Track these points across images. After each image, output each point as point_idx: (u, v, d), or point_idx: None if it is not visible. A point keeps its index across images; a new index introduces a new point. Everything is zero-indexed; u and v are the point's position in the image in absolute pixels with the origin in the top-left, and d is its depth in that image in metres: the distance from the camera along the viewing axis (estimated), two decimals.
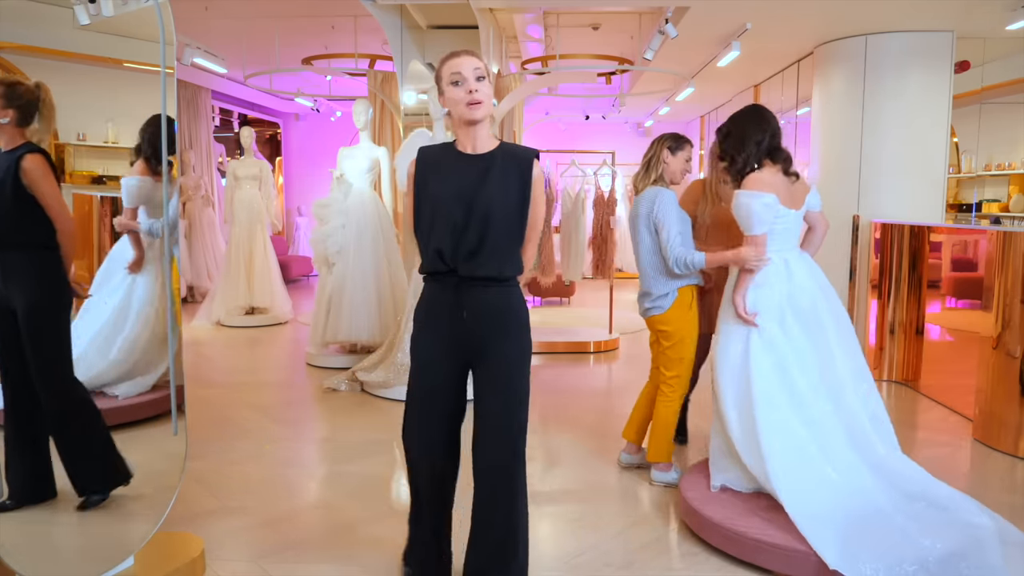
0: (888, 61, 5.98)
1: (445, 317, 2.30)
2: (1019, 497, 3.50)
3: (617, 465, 3.79)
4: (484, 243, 2.23)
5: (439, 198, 2.26)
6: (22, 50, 2.63)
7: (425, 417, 2.36)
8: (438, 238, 2.25)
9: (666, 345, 3.46)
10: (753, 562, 2.74)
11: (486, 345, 2.29)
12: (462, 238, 2.23)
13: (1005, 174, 6.96)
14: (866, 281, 5.99)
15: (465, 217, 2.22)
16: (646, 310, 3.48)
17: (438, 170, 2.30)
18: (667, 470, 3.52)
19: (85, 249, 2.79)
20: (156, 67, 2.43)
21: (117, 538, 2.60)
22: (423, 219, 2.30)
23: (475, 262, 2.24)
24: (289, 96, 10.25)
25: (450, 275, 2.28)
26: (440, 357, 2.33)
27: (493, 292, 2.28)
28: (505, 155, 2.29)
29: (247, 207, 7.86)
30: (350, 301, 5.74)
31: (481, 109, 2.22)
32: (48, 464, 2.54)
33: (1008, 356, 4.08)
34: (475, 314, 2.27)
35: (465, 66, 2.22)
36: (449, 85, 2.23)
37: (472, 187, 2.24)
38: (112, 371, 2.77)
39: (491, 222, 2.22)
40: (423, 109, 6.09)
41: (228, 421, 4.51)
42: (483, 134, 2.28)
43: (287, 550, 2.89)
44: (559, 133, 12.74)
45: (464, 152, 2.30)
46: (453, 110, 2.26)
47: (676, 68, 7.57)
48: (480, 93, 2.21)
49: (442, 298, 2.31)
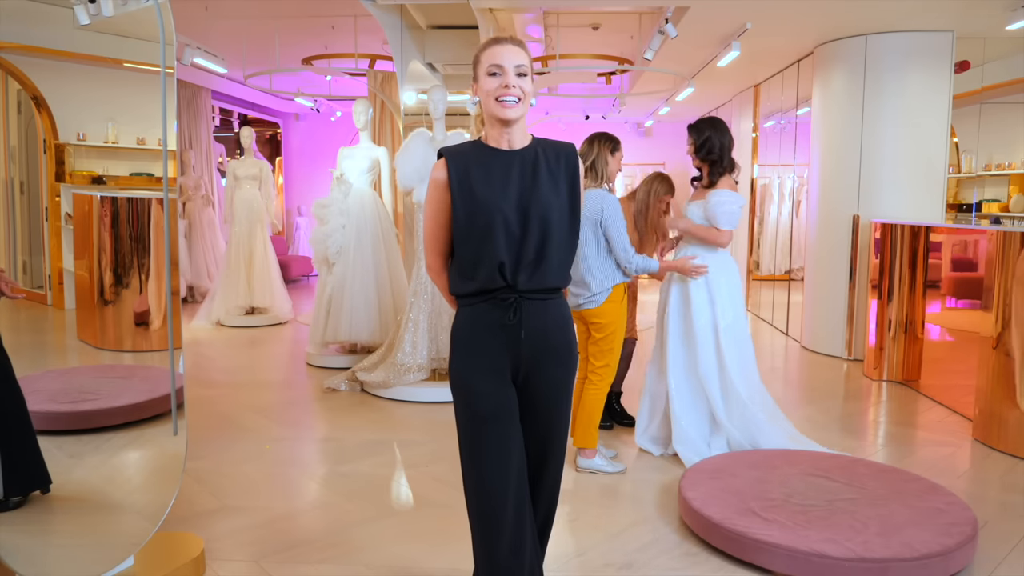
0: (888, 61, 5.99)
1: (500, 339, 2.03)
2: (1019, 497, 3.50)
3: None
4: (545, 252, 2.00)
5: (490, 204, 1.97)
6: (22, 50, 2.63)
7: (496, 446, 2.04)
8: (497, 250, 1.97)
9: (598, 336, 3.62)
10: (753, 562, 2.74)
11: (540, 364, 2.08)
12: (522, 248, 1.99)
13: (1005, 174, 6.96)
14: (866, 281, 5.99)
15: (522, 224, 1.98)
16: (579, 304, 3.60)
17: (479, 171, 2.01)
18: (592, 456, 3.67)
19: (85, 249, 2.80)
20: (156, 67, 2.43)
21: (117, 538, 2.60)
22: (474, 229, 1.98)
23: (537, 274, 2.01)
24: (289, 96, 10.25)
25: (507, 291, 2.02)
26: (499, 384, 2.05)
27: (552, 306, 2.08)
28: (547, 151, 2.05)
29: (247, 207, 7.86)
30: (350, 301, 5.74)
31: (517, 108, 1.96)
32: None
33: (1008, 356, 4.08)
34: (534, 333, 2.04)
35: (507, 57, 1.96)
36: (485, 75, 1.98)
37: (523, 189, 1.99)
38: None
39: (550, 228, 2.00)
40: (423, 109, 6.09)
41: (228, 421, 4.51)
42: (518, 133, 2.02)
43: (287, 550, 2.88)
44: (559, 133, 12.74)
45: (501, 149, 2.03)
46: (484, 103, 1.99)
47: (676, 68, 7.57)
48: (518, 89, 1.95)
49: (494, 317, 2.03)
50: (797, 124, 7.57)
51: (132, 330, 2.94)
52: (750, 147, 9.02)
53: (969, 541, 2.71)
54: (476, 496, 2.08)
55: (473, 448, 2.07)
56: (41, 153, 2.81)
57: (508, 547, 2.06)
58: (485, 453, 2.05)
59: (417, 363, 5.01)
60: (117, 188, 2.85)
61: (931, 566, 2.59)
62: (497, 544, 2.06)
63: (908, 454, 4.09)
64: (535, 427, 2.12)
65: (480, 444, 2.06)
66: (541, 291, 2.04)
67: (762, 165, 9.05)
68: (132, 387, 2.98)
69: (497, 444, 2.05)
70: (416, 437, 4.27)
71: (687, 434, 3.80)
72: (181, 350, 2.64)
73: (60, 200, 2.83)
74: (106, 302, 2.86)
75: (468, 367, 2.06)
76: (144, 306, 2.89)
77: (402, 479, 3.68)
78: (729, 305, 3.83)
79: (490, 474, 2.04)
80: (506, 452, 2.05)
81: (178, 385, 2.63)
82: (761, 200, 9.22)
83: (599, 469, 3.67)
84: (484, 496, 2.06)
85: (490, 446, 2.05)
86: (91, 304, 2.87)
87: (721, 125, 3.81)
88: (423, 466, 3.80)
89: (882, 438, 4.44)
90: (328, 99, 10.63)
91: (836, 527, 2.77)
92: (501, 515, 2.05)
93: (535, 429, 2.12)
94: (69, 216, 2.84)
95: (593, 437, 3.67)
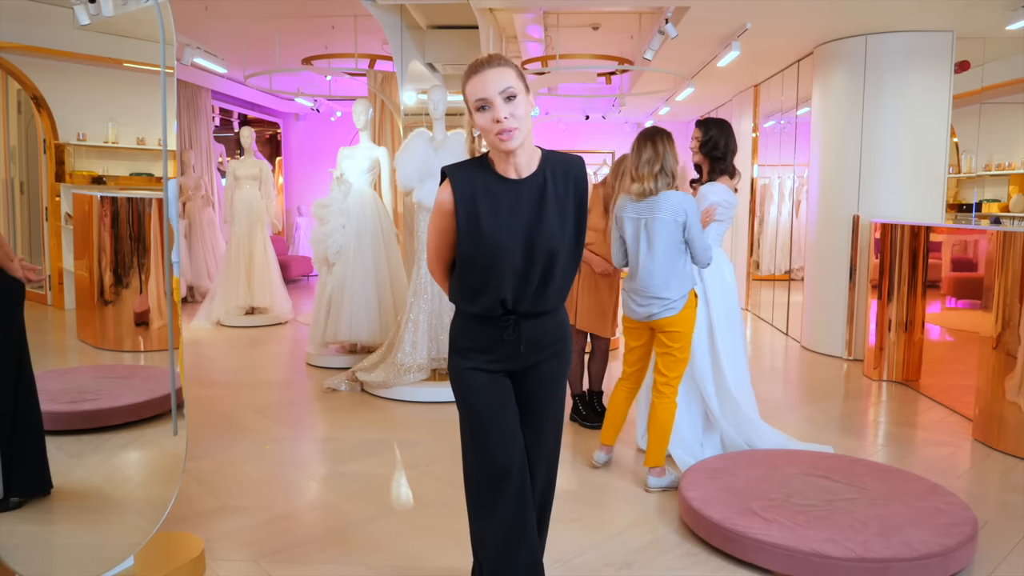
0: (888, 61, 5.99)
1: (499, 348, 2.08)
2: (1019, 497, 3.50)
3: (592, 466, 3.78)
4: (549, 282, 2.02)
5: (496, 240, 1.94)
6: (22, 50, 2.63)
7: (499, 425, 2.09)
8: (500, 286, 1.98)
9: (675, 346, 3.41)
10: (753, 562, 2.74)
11: (537, 360, 2.13)
12: (525, 283, 2.00)
13: (1005, 174, 6.96)
14: (866, 281, 5.99)
15: (527, 259, 1.97)
16: (653, 314, 3.39)
17: (486, 202, 1.96)
18: (662, 474, 3.48)
19: (85, 249, 2.80)
20: (156, 67, 2.43)
21: (117, 538, 2.60)
22: (478, 262, 1.98)
23: (538, 301, 2.04)
24: (289, 96, 10.25)
25: (507, 315, 2.05)
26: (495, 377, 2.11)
27: (550, 321, 2.11)
28: (555, 171, 2.00)
29: (247, 207, 7.86)
30: (350, 301, 5.74)
31: (516, 137, 1.88)
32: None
33: (1008, 356, 4.08)
34: (533, 344, 2.09)
35: (490, 86, 1.86)
36: (475, 111, 1.89)
37: (529, 224, 1.96)
38: None
39: (555, 260, 1.99)
40: (423, 109, 6.08)
41: (228, 421, 4.51)
42: (524, 157, 1.96)
43: (287, 550, 2.88)
44: (559, 133, 12.73)
45: (508, 178, 1.97)
46: (484, 137, 1.94)
47: (676, 68, 7.56)
48: (511, 119, 1.86)
49: (493, 333, 2.07)
50: (797, 124, 7.57)
51: (132, 330, 2.94)
52: (750, 147, 9.02)
53: (969, 541, 2.71)
54: (480, 474, 2.12)
55: (475, 429, 2.10)
56: (41, 153, 2.81)
57: (510, 529, 2.09)
58: (488, 432, 2.09)
59: (417, 363, 5.01)
60: (117, 188, 2.85)
61: (931, 566, 2.59)
62: (500, 525, 2.09)
63: (908, 454, 4.09)
64: (531, 418, 2.17)
65: (481, 426, 2.10)
66: (540, 312, 2.08)
67: (762, 165, 9.05)
68: (132, 387, 2.98)
69: (500, 424, 2.10)
70: (416, 437, 4.27)
71: (681, 434, 3.78)
72: (180, 350, 2.64)
73: (60, 200, 2.83)
74: (106, 302, 2.86)
75: (465, 363, 2.11)
76: (144, 306, 2.90)
77: (402, 479, 3.68)
78: (723, 303, 3.83)
79: (495, 449, 2.08)
80: (509, 432, 2.11)
81: (178, 385, 2.63)
82: (761, 200, 9.22)
83: (669, 486, 3.49)
84: (489, 472, 2.09)
85: (493, 426, 2.09)
86: (91, 304, 2.87)
87: (728, 128, 3.82)
88: (423, 466, 3.80)
89: (882, 438, 4.44)
90: (328, 99, 10.63)
91: (836, 527, 2.77)
92: (505, 491, 2.08)
93: (531, 420, 2.17)
94: (69, 216, 2.85)
95: (663, 455, 3.47)
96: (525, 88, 1.92)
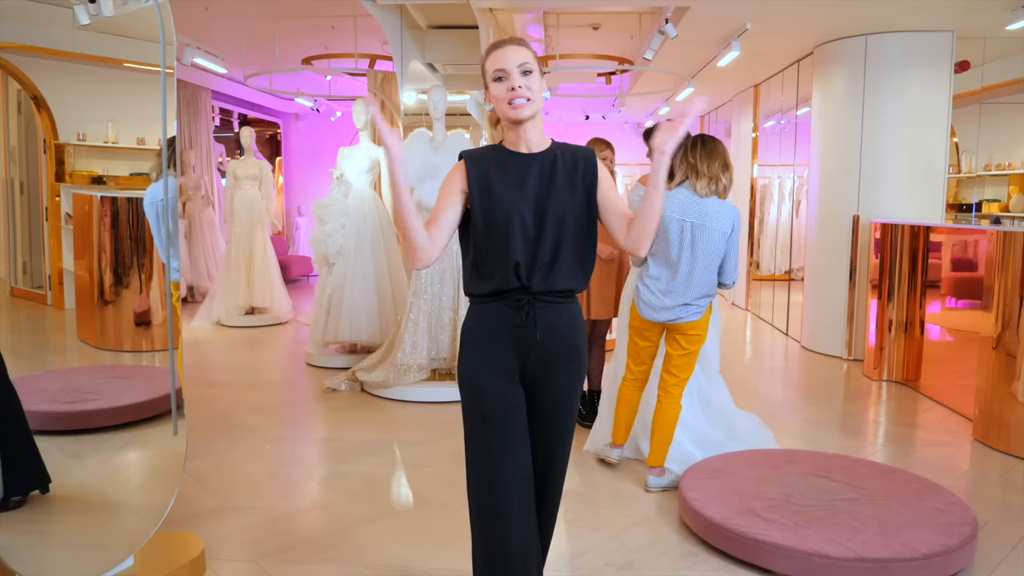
0: (888, 61, 5.99)
1: (512, 339, 2.04)
2: (1019, 497, 3.50)
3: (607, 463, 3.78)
4: (560, 253, 2.02)
5: (508, 203, 1.99)
6: (22, 50, 2.63)
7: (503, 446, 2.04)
8: (514, 249, 1.99)
9: (691, 349, 3.43)
10: (753, 562, 2.74)
11: (549, 366, 2.08)
12: (537, 249, 2.00)
13: (1005, 174, 6.96)
14: (866, 281, 5.99)
15: (538, 225, 2.00)
16: (679, 317, 3.37)
17: (498, 172, 2.03)
18: (662, 474, 3.50)
19: (85, 249, 2.80)
20: (156, 67, 2.43)
21: (117, 538, 2.60)
22: (492, 228, 2.00)
23: (550, 276, 2.02)
24: (289, 96, 10.25)
25: (521, 292, 2.03)
26: (508, 383, 2.06)
27: (564, 310, 2.08)
28: (565, 154, 2.07)
29: (247, 207, 7.86)
30: (350, 301, 5.74)
31: (527, 107, 1.97)
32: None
33: (1008, 356, 4.08)
34: (546, 334, 2.04)
35: (509, 60, 1.98)
36: (492, 82, 2.00)
37: (539, 191, 2.01)
38: None
39: (565, 229, 2.01)
40: (423, 109, 6.08)
41: (228, 421, 4.51)
42: (534, 134, 2.04)
43: (287, 550, 2.88)
44: (559, 133, 12.73)
45: (519, 152, 2.05)
46: (497, 108, 2.02)
47: (676, 68, 7.56)
48: (525, 89, 1.97)
49: (508, 318, 2.04)
50: (797, 124, 7.57)
51: (132, 330, 2.94)
52: (750, 147, 9.02)
53: (969, 541, 2.71)
54: (481, 496, 2.07)
55: (480, 447, 2.06)
56: (41, 153, 2.81)
57: (510, 549, 2.05)
58: (492, 453, 2.05)
59: (417, 363, 5.01)
60: (117, 188, 2.85)
61: (931, 566, 2.59)
62: (499, 546, 2.05)
63: (908, 454, 4.09)
64: (542, 430, 2.12)
65: (487, 444, 2.05)
66: (554, 293, 2.05)
67: (762, 165, 9.05)
68: (132, 387, 2.98)
69: (504, 444, 2.05)
70: (416, 437, 4.27)
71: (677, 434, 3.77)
72: (180, 350, 2.64)
73: (60, 200, 2.83)
74: (106, 302, 2.86)
75: (478, 365, 2.06)
76: (144, 306, 2.89)
77: (402, 479, 3.68)
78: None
79: (496, 474, 2.04)
80: (513, 452, 2.05)
81: (178, 385, 2.63)
82: (761, 200, 9.22)
83: (669, 486, 3.50)
84: (489, 496, 2.05)
85: (497, 446, 2.04)
86: (91, 304, 2.87)
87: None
88: (423, 466, 3.80)
89: (882, 438, 4.44)
90: (328, 99, 10.63)
91: (836, 527, 2.77)
92: (505, 516, 2.04)
93: (541, 432, 2.12)
94: (69, 216, 2.85)
95: (665, 454, 3.48)
96: (540, 72, 2.02)
